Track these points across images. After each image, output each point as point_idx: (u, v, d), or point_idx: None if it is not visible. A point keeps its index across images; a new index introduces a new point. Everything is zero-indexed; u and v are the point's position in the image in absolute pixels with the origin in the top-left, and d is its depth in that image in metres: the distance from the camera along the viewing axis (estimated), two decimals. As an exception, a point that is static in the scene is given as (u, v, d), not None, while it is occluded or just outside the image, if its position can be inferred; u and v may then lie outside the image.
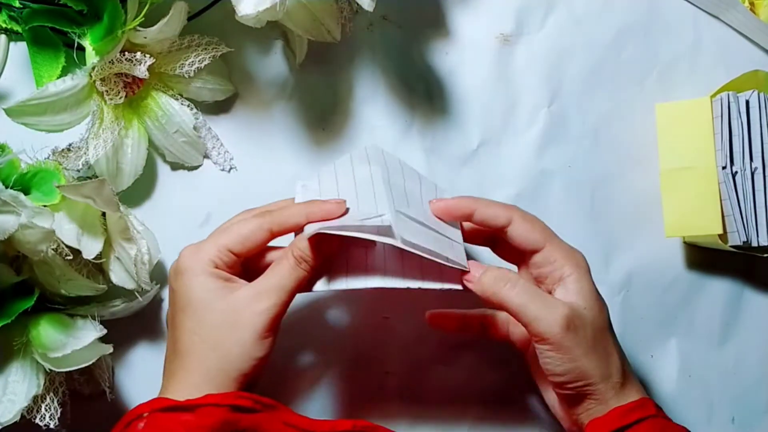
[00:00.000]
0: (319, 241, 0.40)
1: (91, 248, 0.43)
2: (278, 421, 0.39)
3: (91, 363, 0.42)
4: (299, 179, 0.50)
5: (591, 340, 0.39)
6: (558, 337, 0.39)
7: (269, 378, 0.44)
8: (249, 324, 0.39)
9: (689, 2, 0.52)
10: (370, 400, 0.50)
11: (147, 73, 0.44)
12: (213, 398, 0.37)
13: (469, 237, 0.44)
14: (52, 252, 0.42)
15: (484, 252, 0.47)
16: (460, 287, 0.42)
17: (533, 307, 0.39)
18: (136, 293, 0.46)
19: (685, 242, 0.52)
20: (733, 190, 0.47)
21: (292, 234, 0.43)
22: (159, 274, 0.49)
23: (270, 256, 0.43)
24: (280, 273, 0.40)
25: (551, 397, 0.44)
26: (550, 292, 0.41)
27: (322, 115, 0.51)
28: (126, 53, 0.44)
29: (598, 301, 0.41)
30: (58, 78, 0.45)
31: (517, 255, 0.44)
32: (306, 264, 0.40)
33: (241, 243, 0.40)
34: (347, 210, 0.41)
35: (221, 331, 0.39)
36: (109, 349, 0.43)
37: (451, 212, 0.43)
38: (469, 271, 0.41)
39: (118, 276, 0.45)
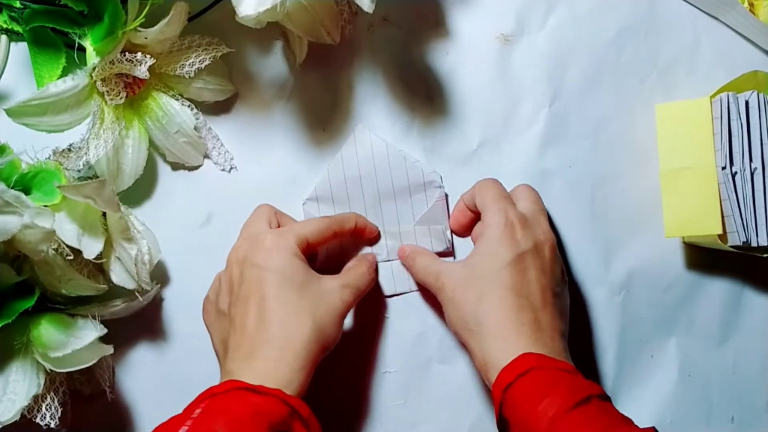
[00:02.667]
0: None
1: (91, 248, 0.43)
2: None
3: (91, 363, 0.42)
4: (298, 179, 0.51)
5: (472, 281, 0.43)
6: (447, 280, 0.45)
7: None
8: (336, 307, 0.44)
9: (689, 3, 0.52)
10: (371, 400, 0.50)
11: (147, 73, 0.44)
12: (283, 395, 0.39)
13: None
14: (53, 252, 0.42)
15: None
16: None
17: (434, 266, 0.47)
18: (137, 293, 0.46)
19: (684, 242, 0.52)
20: (733, 191, 0.47)
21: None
22: (159, 274, 0.49)
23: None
24: (359, 273, 0.47)
25: None
26: None
27: (322, 116, 0.51)
28: (126, 54, 0.44)
29: (486, 254, 0.44)
30: (58, 78, 0.46)
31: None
32: (372, 274, 0.48)
33: (316, 236, 0.45)
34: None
35: (318, 306, 0.43)
36: (109, 349, 0.44)
37: (461, 217, 0.50)
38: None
39: (118, 276, 0.45)
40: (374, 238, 0.50)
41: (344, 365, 0.50)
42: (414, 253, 0.49)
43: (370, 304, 0.50)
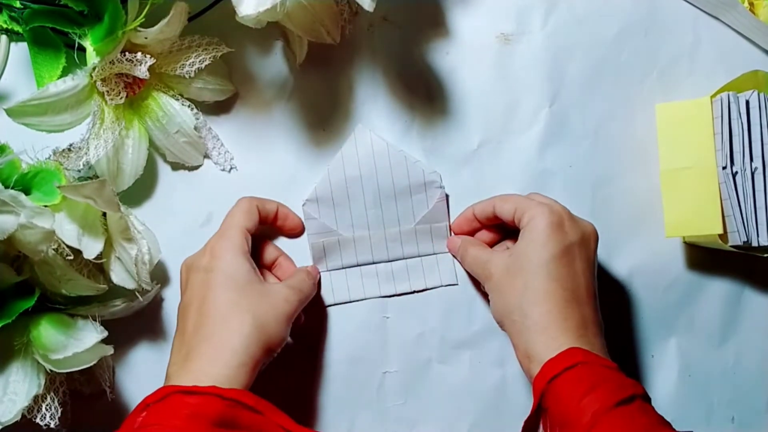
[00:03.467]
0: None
1: (91, 248, 0.43)
2: (276, 426, 0.39)
3: (92, 364, 0.42)
4: (298, 179, 0.51)
5: (518, 272, 0.43)
6: (488, 278, 0.45)
7: (270, 377, 0.44)
8: (282, 306, 0.44)
9: (689, 3, 0.52)
10: (370, 400, 0.50)
11: (147, 73, 0.44)
12: (218, 390, 0.38)
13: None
14: (53, 252, 0.42)
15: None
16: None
17: (484, 255, 0.47)
18: (137, 293, 0.46)
19: (685, 242, 0.52)
20: (734, 190, 0.47)
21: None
22: (159, 274, 0.49)
23: (280, 258, 0.50)
24: (300, 279, 0.47)
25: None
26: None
27: (322, 116, 0.51)
28: (126, 53, 0.44)
29: (534, 243, 0.43)
30: (58, 78, 0.46)
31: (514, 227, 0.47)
32: (313, 280, 0.48)
33: (249, 219, 0.46)
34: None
35: (261, 305, 0.43)
36: (110, 350, 0.44)
37: (465, 225, 0.50)
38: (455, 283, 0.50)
39: (118, 276, 0.45)
40: (296, 231, 0.50)
41: (344, 365, 0.50)
42: (466, 244, 0.48)
43: (370, 304, 0.50)
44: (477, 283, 0.50)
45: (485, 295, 0.49)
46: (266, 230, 0.50)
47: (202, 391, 0.38)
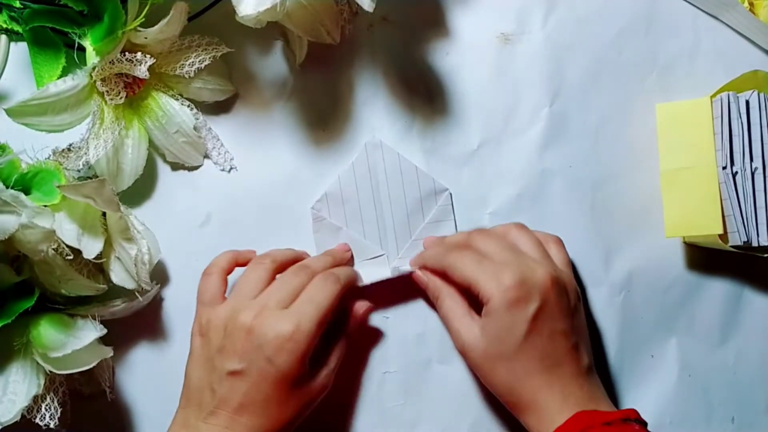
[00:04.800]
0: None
1: (91, 248, 0.43)
2: None
3: (91, 366, 0.42)
4: (298, 179, 0.51)
5: (496, 359, 0.44)
6: (472, 355, 0.45)
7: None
8: (312, 396, 0.45)
9: (689, 3, 0.52)
10: (371, 400, 0.50)
11: (147, 73, 0.44)
12: None
13: None
14: (53, 252, 0.42)
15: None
16: None
17: (455, 322, 0.46)
18: (137, 293, 0.46)
19: (685, 242, 0.52)
20: (734, 190, 0.47)
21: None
22: (159, 274, 0.49)
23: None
24: (339, 356, 0.47)
25: None
26: None
27: (323, 116, 0.51)
28: (126, 53, 0.44)
29: (502, 330, 0.43)
30: (58, 78, 0.46)
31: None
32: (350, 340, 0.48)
33: (320, 323, 0.45)
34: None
35: (294, 403, 0.44)
36: (109, 352, 0.44)
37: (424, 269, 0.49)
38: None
39: (118, 276, 0.45)
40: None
41: (344, 365, 0.50)
42: (444, 294, 0.47)
43: (370, 302, 0.50)
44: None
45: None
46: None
47: None
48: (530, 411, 0.43)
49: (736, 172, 0.48)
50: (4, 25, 0.47)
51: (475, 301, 0.45)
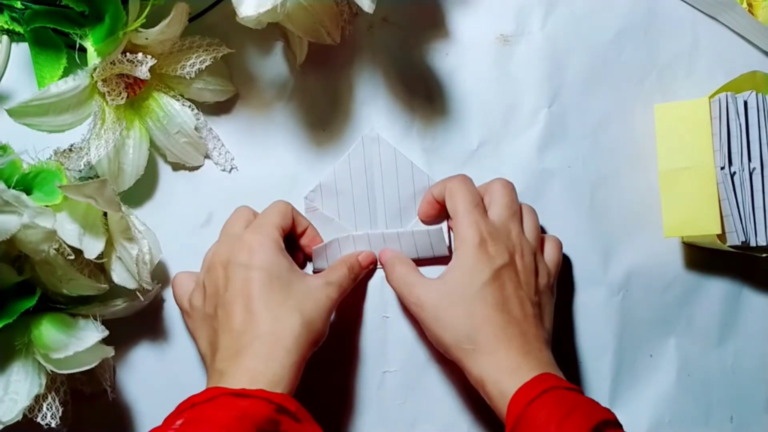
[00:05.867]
0: (366, 264, 0.50)
1: (92, 248, 0.43)
2: None
3: (93, 366, 0.42)
4: (299, 180, 0.51)
5: (456, 301, 0.44)
6: (429, 302, 0.44)
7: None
8: (324, 303, 0.44)
9: (688, 4, 0.53)
10: (370, 399, 0.50)
11: (148, 74, 0.45)
12: (268, 394, 0.39)
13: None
14: (54, 252, 0.42)
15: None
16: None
17: (410, 279, 0.47)
18: (138, 293, 0.46)
19: (683, 242, 0.52)
20: (732, 191, 0.47)
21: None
22: (160, 274, 0.49)
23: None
24: (340, 274, 0.47)
25: None
26: None
27: (323, 116, 0.51)
28: (127, 54, 0.44)
29: (466, 272, 0.44)
30: (59, 79, 0.46)
31: None
32: (354, 274, 0.48)
33: (283, 219, 0.47)
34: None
35: (308, 303, 0.44)
36: (111, 351, 0.44)
37: (430, 209, 0.50)
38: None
39: (119, 276, 0.45)
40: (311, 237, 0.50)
41: (344, 365, 0.50)
42: (394, 260, 0.48)
43: (370, 304, 0.50)
44: None
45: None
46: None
47: (252, 394, 0.39)
48: (486, 359, 0.42)
49: (734, 173, 0.48)
50: (6, 26, 0.47)
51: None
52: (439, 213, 0.50)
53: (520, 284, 0.45)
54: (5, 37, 0.47)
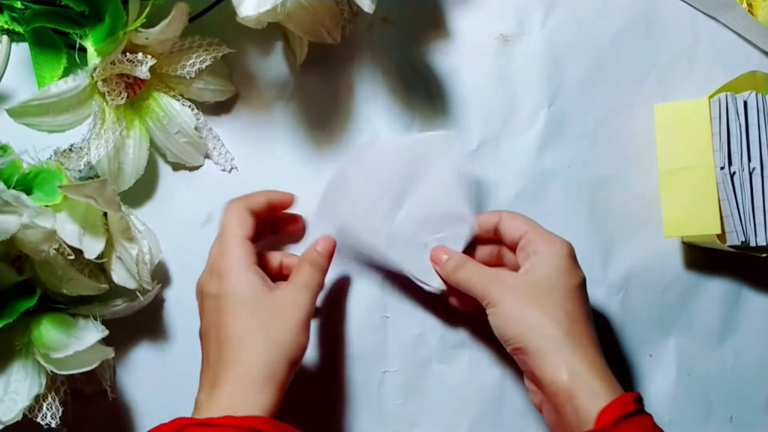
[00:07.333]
0: (329, 250, 0.47)
1: (92, 248, 0.43)
2: None
3: (93, 367, 0.42)
4: (299, 179, 0.51)
5: (532, 301, 0.42)
6: (497, 297, 0.43)
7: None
8: (294, 314, 0.43)
9: (688, 3, 0.53)
10: (370, 399, 0.50)
11: (148, 73, 0.45)
12: (234, 420, 0.38)
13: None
14: (54, 252, 0.42)
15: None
16: (435, 291, 0.47)
17: (476, 279, 0.45)
18: (138, 293, 0.46)
19: (683, 242, 0.52)
20: (732, 191, 0.47)
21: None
22: (160, 274, 0.49)
23: (284, 260, 0.48)
24: (305, 274, 0.45)
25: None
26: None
27: (323, 116, 0.51)
28: (127, 54, 0.44)
29: (559, 269, 0.43)
30: (59, 79, 0.46)
31: (511, 247, 0.47)
32: (319, 267, 0.46)
33: (243, 225, 0.45)
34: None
35: (273, 320, 0.42)
36: (111, 352, 0.44)
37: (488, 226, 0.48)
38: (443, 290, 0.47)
39: (119, 276, 0.45)
40: (290, 204, 0.49)
41: (344, 364, 0.50)
42: (462, 259, 0.46)
43: (371, 304, 0.50)
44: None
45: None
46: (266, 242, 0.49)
47: (218, 422, 0.38)
48: (579, 353, 0.41)
49: (734, 173, 0.48)
50: (6, 26, 0.47)
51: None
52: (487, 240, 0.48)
53: (587, 297, 0.45)
54: (5, 37, 0.47)
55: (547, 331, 0.41)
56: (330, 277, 0.49)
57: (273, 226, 0.49)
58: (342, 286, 0.51)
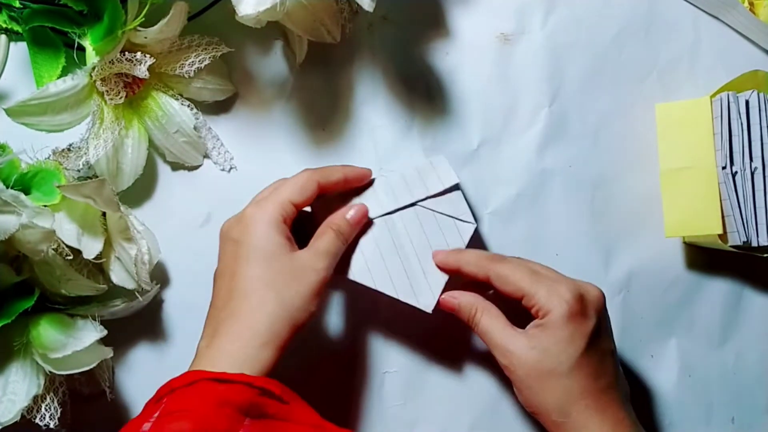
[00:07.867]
0: (357, 221, 0.46)
1: (91, 248, 0.43)
2: (300, 416, 0.39)
3: (91, 367, 0.42)
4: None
5: (550, 374, 0.42)
6: (521, 370, 0.42)
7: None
8: (309, 280, 0.42)
9: (689, 2, 0.53)
10: (370, 400, 0.50)
11: (147, 73, 0.44)
12: (248, 378, 0.38)
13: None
14: (53, 252, 0.42)
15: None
16: (428, 310, 0.45)
17: (497, 336, 0.43)
18: (137, 293, 0.46)
19: (685, 242, 0.52)
20: (733, 190, 0.47)
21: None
22: (159, 274, 0.49)
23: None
24: (328, 241, 0.44)
25: None
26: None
27: (322, 116, 0.51)
28: (126, 53, 0.44)
29: (560, 342, 0.42)
30: (58, 78, 0.46)
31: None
32: (343, 237, 0.45)
33: (299, 193, 0.44)
34: (373, 180, 0.48)
35: (286, 280, 0.41)
36: (109, 352, 0.43)
37: (441, 268, 0.46)
38: (429, 312, 0.45)
39: (118, 276, 0.45)
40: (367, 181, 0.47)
41: (343, 364, 0.50)
42: (482, 310, 0.44)
43: (370, 303, 0.50)
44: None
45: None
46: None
47: (232, 378, 0.38)
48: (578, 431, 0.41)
49: (736, 172, 0.48)
50: (4, 25, 0.47)
51: (512, 316, 0.44)
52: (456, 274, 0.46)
53: (605, 338, 0.43)
54: (3, 36, 0.47)
55: (552, 417, 0.42)
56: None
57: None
58: (342, 286, 0.51)
